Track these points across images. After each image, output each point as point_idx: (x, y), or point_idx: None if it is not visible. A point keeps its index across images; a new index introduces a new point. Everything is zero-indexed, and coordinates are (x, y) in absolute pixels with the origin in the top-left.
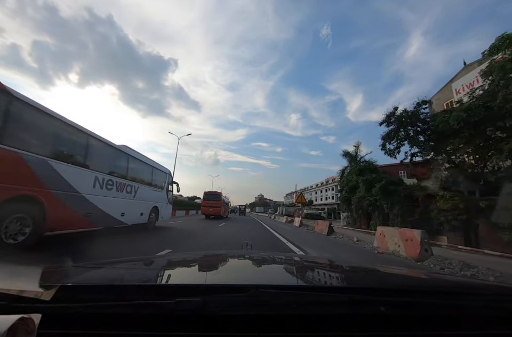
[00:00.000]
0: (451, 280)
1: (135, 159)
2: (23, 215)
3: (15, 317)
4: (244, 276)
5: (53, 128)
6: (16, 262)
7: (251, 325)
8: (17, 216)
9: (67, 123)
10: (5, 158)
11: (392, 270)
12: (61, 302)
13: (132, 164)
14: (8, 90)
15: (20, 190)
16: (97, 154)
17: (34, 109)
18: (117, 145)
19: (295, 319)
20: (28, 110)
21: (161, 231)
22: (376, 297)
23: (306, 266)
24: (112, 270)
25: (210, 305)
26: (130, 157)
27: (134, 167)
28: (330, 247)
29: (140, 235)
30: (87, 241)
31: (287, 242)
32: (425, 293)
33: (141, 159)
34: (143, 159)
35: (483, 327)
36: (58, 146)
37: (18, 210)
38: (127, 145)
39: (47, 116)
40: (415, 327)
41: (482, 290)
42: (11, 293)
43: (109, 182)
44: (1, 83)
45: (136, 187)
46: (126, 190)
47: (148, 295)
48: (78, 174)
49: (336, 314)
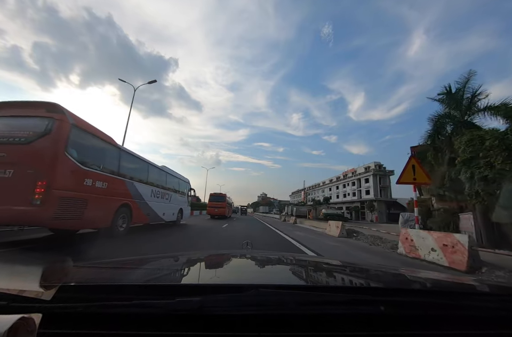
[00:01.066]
0: (451, 280)
1: (170, 174)
2: (124, 214)
3: (15, 316)
4: (244, 276)
5: (136, 164)
6: (16, 262)
7: (251, 324)
8: (122, 215)
9: (141, 159)
10: (117, 183)
11: (393, 270)
12: (62, 302)
13: (168, 178)
14: (118, 146)
15: (123, 200)
16: (152, 174)
17: (129, 154)
18: (159, 166)
19: (295, 319)
20: (126, 155)
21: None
22: (376, 297)
23: (306, 266)
24: (113, 270)
25: (210, 305)
26: (168, 174)
27: (169, 180)
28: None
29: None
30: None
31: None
32: (425, 292)
33: (173, 174)
34: (173, 173)
35: (483, 327)
36: (137, 173)
37: (123, 211)
38: (165, 165)
39: (134, 157)
40: (415, 327)
41: (482, 290)
42: (11, 293)
43: (157, 192)
44: (113, 140)
45: (170, 194)
46: (165, 197)
47: (148, 294)
48: (144, 188)
49: (337, 314)
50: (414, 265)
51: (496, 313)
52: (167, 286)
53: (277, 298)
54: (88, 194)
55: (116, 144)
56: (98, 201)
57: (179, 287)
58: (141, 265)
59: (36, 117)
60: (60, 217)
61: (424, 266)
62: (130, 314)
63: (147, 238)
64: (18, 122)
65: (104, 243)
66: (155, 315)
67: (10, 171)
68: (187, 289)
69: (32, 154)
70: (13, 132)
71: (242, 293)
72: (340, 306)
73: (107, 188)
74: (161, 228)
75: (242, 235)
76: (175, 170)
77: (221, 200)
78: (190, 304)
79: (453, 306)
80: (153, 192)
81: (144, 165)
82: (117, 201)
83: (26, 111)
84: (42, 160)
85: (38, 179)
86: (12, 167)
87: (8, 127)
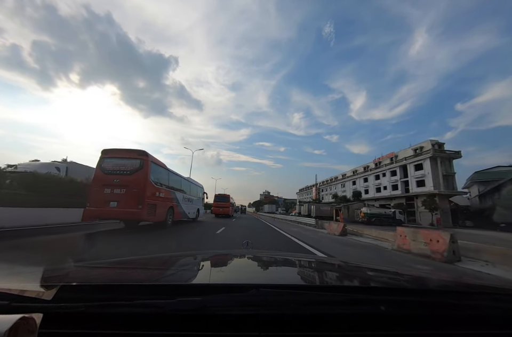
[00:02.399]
0: (451, 280)
1: (192, 183)
2: (171, 213)
3: (16, 316)
4: (244, 275)
5: (175, 178)
6: (17, 262)
7: (252, 324)
8: (170, 213)
9: (178, 175)
10: (168, 193)
11: (393, 269)
12: (62, 302)
13: (191, 187)
14: (168, 168)
15: (170, 204)
16: (183, 185)
17: (172, 172)
18: (186, 177)
19: (295, 319)
20: (171, 174)
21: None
22: (376, 297)
23: (307, 266)
24: (113, 270)
25: (211, 305)
26: (191, 183)
27: (192, 188)
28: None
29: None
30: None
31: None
32: (425, 292)
33: (194, 183)
34: (194, 182)
35: (483, 327)
36: (176, 185)
37: (170, 211)
38: (190, 177)
39: (174, 174)
40: (415, 327)
41: (482, 290)
42: (12, 293)
43: (185, 196)
44: (165, 165)
45: (192, 198)
46: (189, 200)
47: (149, 294)
48: (179, 195)
49: (337, 314)
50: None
51: (496, 313)
52: (167, 285)
53: (277, 298)
54: (157, 201)
55: (167, 167)
56: (161, 205)
57: (179, 286)
58: (141, 265)
59: (134, 158)
60: (148, 215)
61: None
62: (131, 314)
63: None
64: (125, 162)
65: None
66: (156, 315)
67: (123, 190)
68: (188, 289)
69: (134, 181)
70: (122, 167)
71: (243, 293)
72: (340, 306)
73: (164, 197)
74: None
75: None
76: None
77: (225, 200)
78: (191, 304)
79: (453, 306)
80: (184, 197)
81: (179, 178)
82: (168, 204)
83: (128, 154)
84: (139, 184)
85: (139, 194)
86: (124, 188)
87: (120, 165)
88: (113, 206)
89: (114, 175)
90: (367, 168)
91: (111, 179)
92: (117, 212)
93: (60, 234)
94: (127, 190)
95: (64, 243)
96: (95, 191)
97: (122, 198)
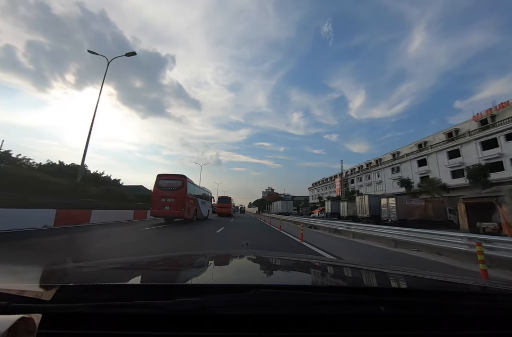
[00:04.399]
0: (451, 280)
1: (205, 191)
2: (195, 213)
3: (15, 316)
4: (244, 276)
5: (197, 189)
6: (17, 262)
7: (251, 324)
8: (195, 214)
9: (198, 186)
10: (194, 200)
11: (393, 270)
12: (62, 302)
13: (205, 193)
14: (194, 183)
15: (195, 207)
16: (202, 192)
17: (196, 185)
18: (201, 187)
19: (295, 319)
20: (196, 186)
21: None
22: (376, 297)
23: (306, 266)
24: (113, 270)
25: (210, 305)
26: (205, 191)
27: (204, 194)
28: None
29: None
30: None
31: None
32: (425, 292)
33: (206, 190)
34: (206, 190)
35: (483, 327)
36: (197, 193)
37: (195, 212)
38: (204, 186)
39: (197, 186)
40: (415, 327)
41: (481, 290)
42: (11, 293)
43: (202, 201)
44: (192, 181)
45: (205, 202)
46: (203, 204)
47: (148, 294)
48: (199, 200)
49: (336, 314)
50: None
51: (495, 313)
52: (166, 286)
53: (276, 298)
54: (189, 205)
55: (194, 183)
56: (191, 208)
57: (178, 287)
58: (140, 265)
59: (177, 179)
60: (186, 215)
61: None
62: (130, 315)
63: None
64: (172, 182)
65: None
66: (155, 315)
67: (172, 199)
68: (187, 289)
69: (179, 194)
70: (171, 185)
71: (242, 293)
72: (340, 306)
73: (192, 203)
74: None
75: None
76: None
77: (227, 201)
78: (190, 304)
79: (452, 306)
80: (201, 202)
81: (200, 189)
82: (194, 207)
83: (174, 177)
84: (182, 196)
85: (182, 202)
86: (173, 198)
87: (169, 184)
88: (166, 209)
89: (166, 190)
90: (459, 133)
91: (165, 193)
92: (169, 212)
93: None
94: (175, 200)
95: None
96: (155, 200)
97: (172, 204)
